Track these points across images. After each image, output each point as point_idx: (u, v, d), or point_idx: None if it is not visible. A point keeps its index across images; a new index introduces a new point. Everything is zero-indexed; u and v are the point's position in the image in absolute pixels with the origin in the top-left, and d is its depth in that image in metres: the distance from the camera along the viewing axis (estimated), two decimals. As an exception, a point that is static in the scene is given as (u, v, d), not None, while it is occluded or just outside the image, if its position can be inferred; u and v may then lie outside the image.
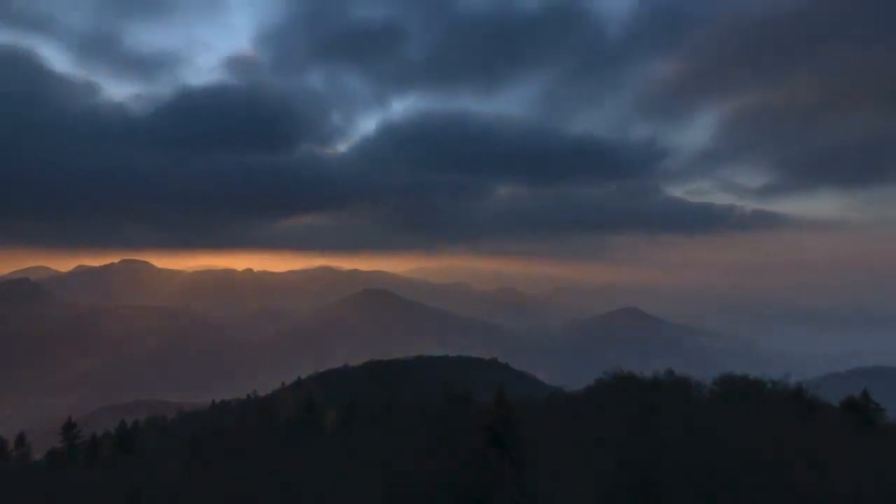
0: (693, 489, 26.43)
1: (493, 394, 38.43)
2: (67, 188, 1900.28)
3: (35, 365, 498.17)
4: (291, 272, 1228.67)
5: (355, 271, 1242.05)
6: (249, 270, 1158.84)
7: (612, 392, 48.68)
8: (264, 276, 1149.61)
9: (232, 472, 43.11)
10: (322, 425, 69.59)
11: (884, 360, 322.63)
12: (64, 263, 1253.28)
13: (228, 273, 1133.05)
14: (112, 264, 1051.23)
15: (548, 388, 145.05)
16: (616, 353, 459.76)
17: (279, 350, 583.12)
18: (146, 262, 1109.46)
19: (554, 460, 30.18)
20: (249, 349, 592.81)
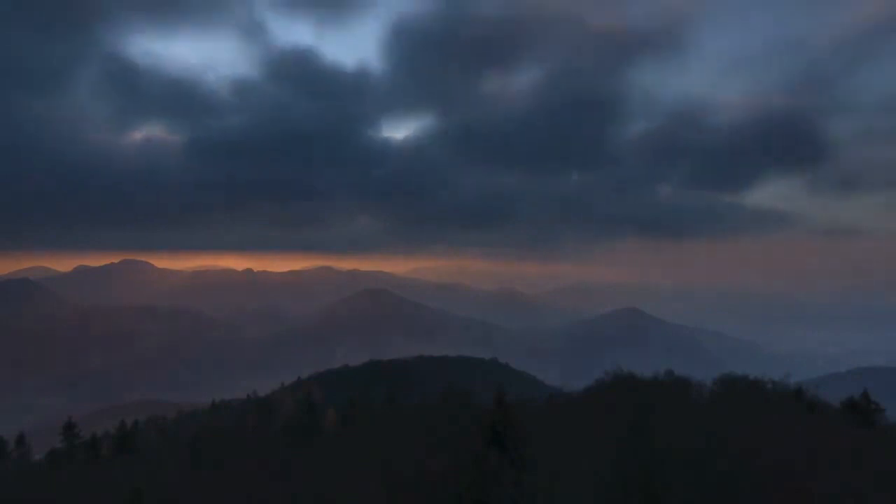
0: (693, 489, 26.43)
1: (493, 394, 38.41)
2: (68, 188, 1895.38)
3: (35, 365, 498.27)
4: (291, 272, 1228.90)
5: (355, 271, 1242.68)
6: (249, 270, 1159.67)
7: (612, 392, 48.68)
8: (264, 276, 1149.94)
9: (232, 472, 43.11)
10: (322, 425, 69.64)
11: (884, 360, 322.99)
12: (64, 263, 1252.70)
13: (228, 273, 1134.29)
14: (112, 264, 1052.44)
15: (548, 388, 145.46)
16: (616, 353, 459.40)
17: (279, 350, 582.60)
18: (146, 262, 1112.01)
19: (554, 460, 30.17)
20: (249, 349, 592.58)
